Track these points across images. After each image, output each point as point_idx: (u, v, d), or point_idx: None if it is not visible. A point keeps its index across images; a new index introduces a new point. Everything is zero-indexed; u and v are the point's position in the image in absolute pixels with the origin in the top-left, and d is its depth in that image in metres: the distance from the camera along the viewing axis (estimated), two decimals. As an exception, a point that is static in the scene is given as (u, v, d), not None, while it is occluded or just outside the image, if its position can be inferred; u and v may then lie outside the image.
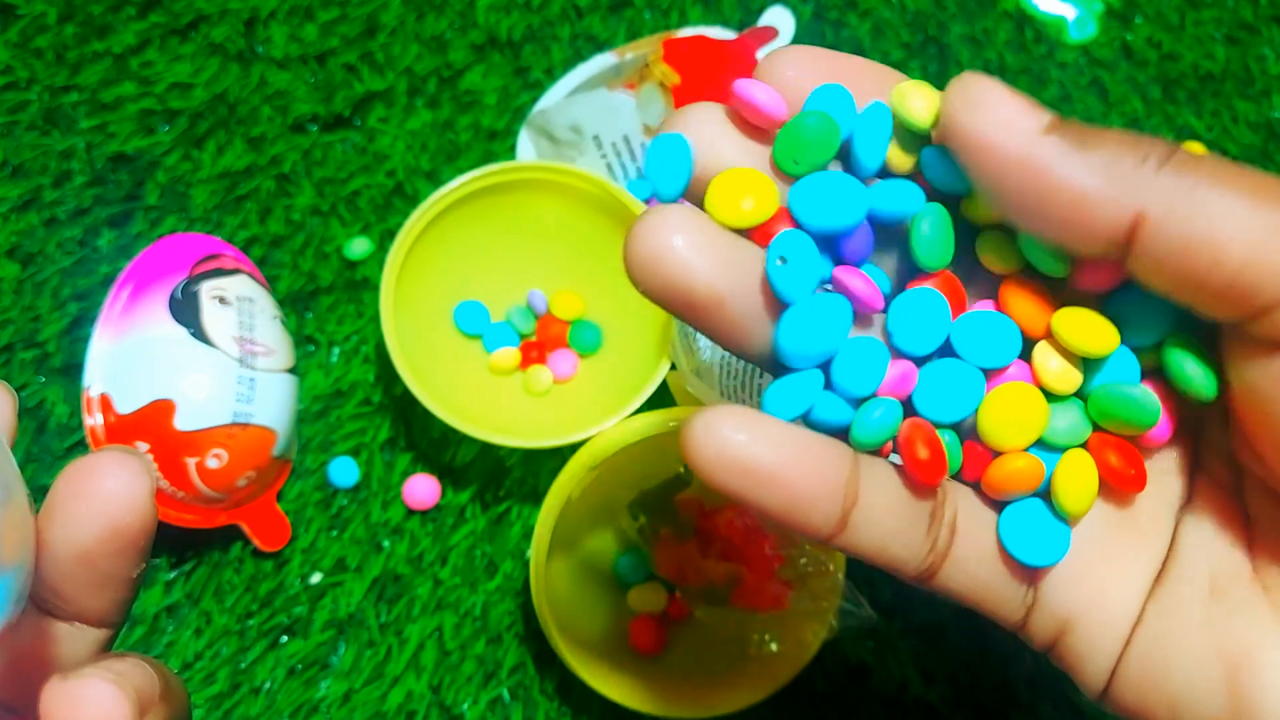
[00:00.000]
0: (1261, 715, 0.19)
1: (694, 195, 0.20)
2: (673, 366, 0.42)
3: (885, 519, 0.19)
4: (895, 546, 0.20)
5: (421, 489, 0.45)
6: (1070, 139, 0.18)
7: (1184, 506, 0.21)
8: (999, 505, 0.21)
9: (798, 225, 0.20)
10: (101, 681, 0.18)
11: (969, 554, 0.21)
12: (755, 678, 0.40)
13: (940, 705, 0.45)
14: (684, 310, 0.19)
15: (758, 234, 0.20)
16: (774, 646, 0.39)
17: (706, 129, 0.20)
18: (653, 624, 0.43)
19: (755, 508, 0.19)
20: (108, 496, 0.19)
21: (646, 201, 0.17)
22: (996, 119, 0.18)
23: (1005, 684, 0.45)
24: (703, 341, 0.40)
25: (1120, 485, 0.20)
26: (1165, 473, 0.21)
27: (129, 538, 0.19)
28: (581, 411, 0.44)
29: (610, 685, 0.40)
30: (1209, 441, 0.21)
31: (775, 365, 0.20)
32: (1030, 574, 0.21)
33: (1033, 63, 0.53)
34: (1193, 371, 0.20)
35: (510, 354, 0.46)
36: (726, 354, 0.40)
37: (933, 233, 0.20)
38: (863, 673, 0.45)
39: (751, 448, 0.18)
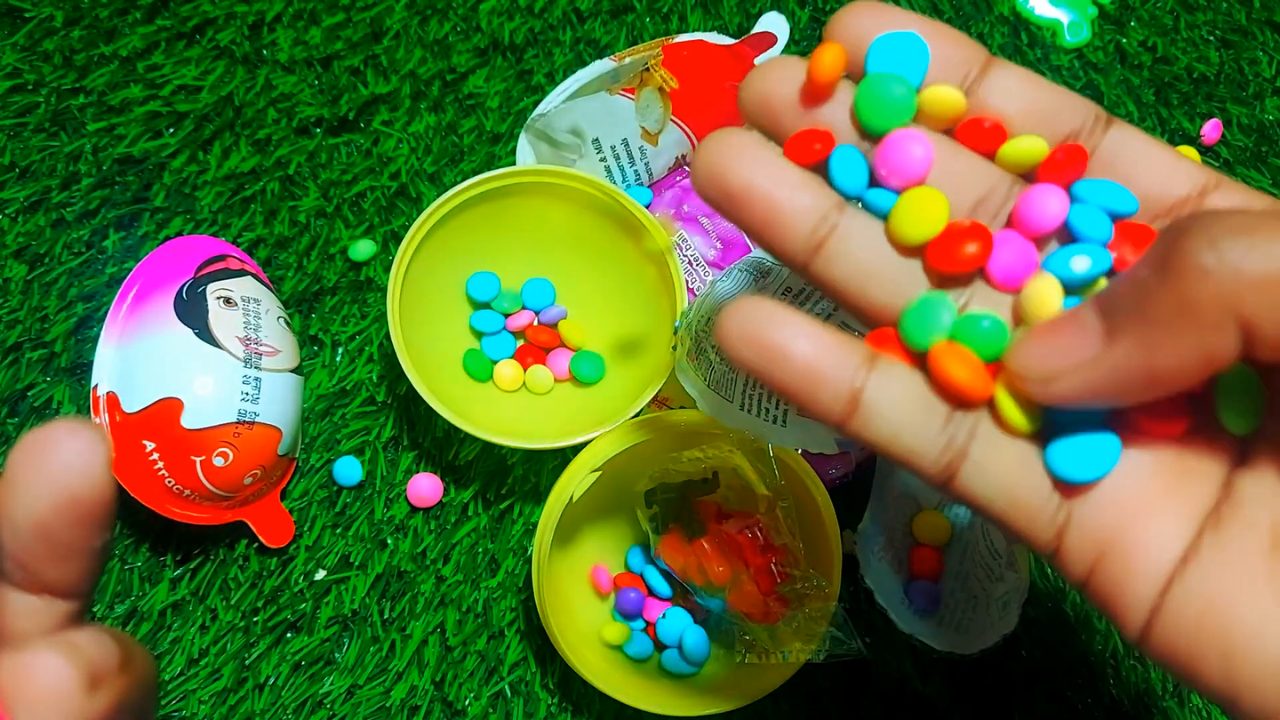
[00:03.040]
0: None
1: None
2: (673, 374, 0.43)
3: (897, 406, 0.21)
4: (907, 437, 0.21)
5: (424, 487, 0.46)
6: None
7: (1243, 460, 0.22)
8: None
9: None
10: (50, 653, 0.18)
11: (990, 459, 0.21)
12: (750, 679, 0.41)
13: (938, 700, 0.45)
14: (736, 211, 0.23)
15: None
16: (754, 659, 0.40)
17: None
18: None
19: (770, 382, 0.21)
20: (62, 467, 0.19)
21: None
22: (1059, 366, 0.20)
23: (1002, 679, 0.46)
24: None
25: (1152, 431, 0.21)
26: (1220, 429, 0.22)
27: (86, 508, 0.19)
28: (584, 413, 0.45)
29: (610, 682, 0.40)
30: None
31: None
32: (1061, 485, 0.21)
33: (1027, 66, 0.54)
34: (1228, 406, 0.21)
35: (512, 368, 0.47)
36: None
37: None
38: (862, 668, 0.45)
39: (773, 328, 0.21)
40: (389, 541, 0.45)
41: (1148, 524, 0.21)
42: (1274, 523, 0.21)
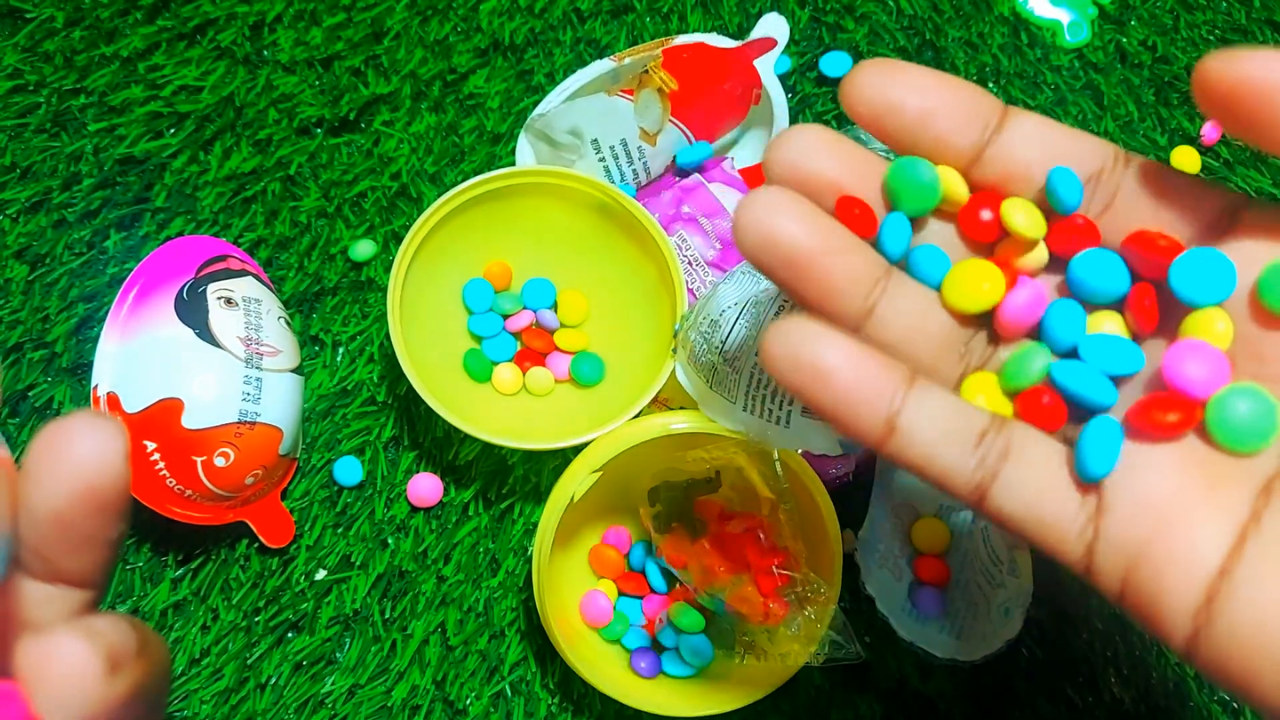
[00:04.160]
0: None
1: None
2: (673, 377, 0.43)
3: (933, 428, 0.22)
4: (943, 457, 0.22)
5: (425, 487, 0.46)
6: None
7: None
8: (1057, 435, 0.23)
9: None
10: (72, 637, 0.18)
11: (1020, 478, 0.22)
12: (749, 679, 0.41)
13: (938, 700, 0.45)
14: (782, 267, 0.23)
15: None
16: (753, 660, 0.40)
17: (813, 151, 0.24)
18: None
19: (812, 404, 0.22)
20: (80, 459, 0.19)
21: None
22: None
23: (1003, 678, 0.46)
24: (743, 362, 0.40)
25: (1159, 433, 0.21)
26: None
27: (103, 500, 0.19)
28: (584, 414, 0.45)
29: (610, 682, 0.40)
30: None
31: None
32: (1086, 497, 0.22)
33: (1027, 66, 0.54)
34: (1219, 426, 0.21)
35: (512, 370, 0.46)
36: (755, 366, 0.40)
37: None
38: (862, 667, 0.45)
39: (817, 349, 0.22)
40: (390, 541, 0.45)
41: (1178, 532, 0.21)
42: None
